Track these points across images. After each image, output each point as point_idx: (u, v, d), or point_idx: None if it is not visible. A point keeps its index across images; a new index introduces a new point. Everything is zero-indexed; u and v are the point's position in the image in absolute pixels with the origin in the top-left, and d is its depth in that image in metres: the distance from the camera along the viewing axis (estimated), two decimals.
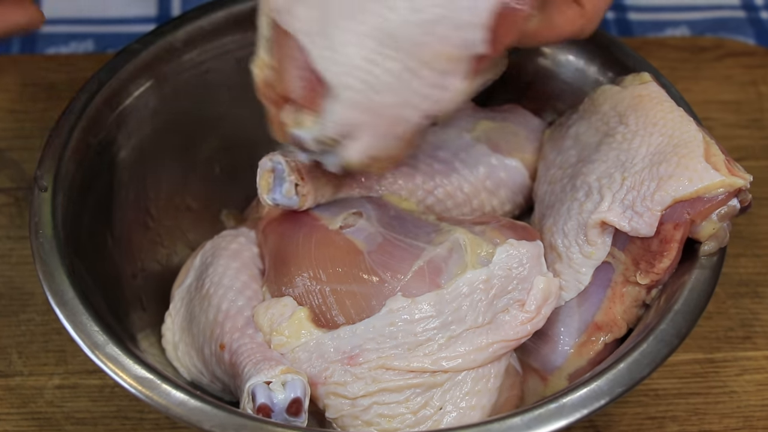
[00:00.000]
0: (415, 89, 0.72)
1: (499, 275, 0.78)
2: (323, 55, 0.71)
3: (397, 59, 0.71)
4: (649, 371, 0.74)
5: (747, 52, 1.16)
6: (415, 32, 0.70)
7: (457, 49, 0.71)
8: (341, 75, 0.71)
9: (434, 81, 0.72)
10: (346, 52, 0.71)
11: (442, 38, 0.71)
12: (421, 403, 0.76)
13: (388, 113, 0.73)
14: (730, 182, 0.77)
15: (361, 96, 0.72)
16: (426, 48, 0.71)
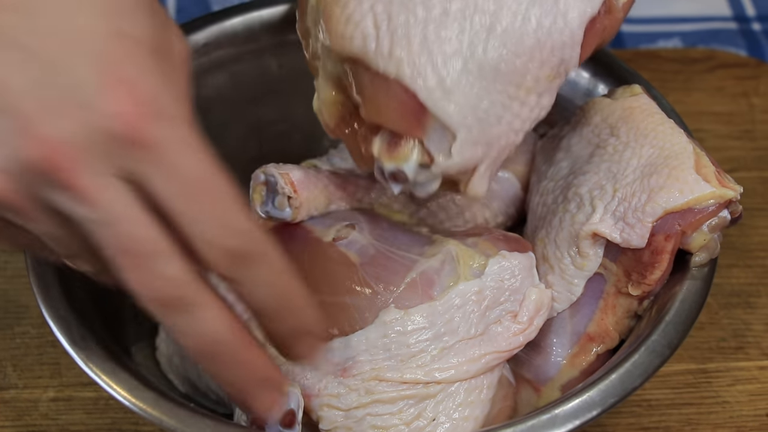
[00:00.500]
0: (518, 114, 0.74)
1: (491, 287, 0.78)
2: (436, 98, 0.72)
3: (502, 91, 0.73)
4: (641, 382, 0.74)
5: (739, 63, 1.16)
6: (519, 62, 0.73)
7: (554, 70, 0.74)
8: (462, 118, 0.72)
9: (535, 103, 0.74)
10: (462, 96, 0.72)
11: (542, 62, 0.73)
12: (414, 414, 0.77)
13: (501, 142, 0.74)
14: (721, 194, 0.77)
15: (478, 132, 0.73)
16: (528, 75, 0.73)
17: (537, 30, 0.73)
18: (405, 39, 0.73)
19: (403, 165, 0.74)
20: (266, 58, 0.97)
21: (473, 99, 0.72)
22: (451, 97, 0.72)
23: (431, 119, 0.73)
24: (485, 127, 0.73)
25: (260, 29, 0.96)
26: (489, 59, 0.73)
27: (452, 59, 0.73)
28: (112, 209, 0.60)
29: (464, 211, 0.89)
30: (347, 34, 0.74)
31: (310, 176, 0.85)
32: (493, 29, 0.73)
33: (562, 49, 0.74)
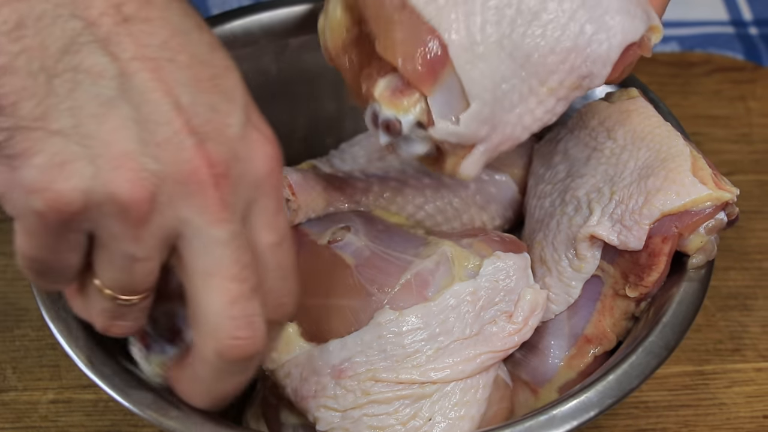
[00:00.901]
0: (532, 110, 0.73)
1: (486, 287, 0.78)
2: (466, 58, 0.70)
3: (525, 80, 0.72)
4: (639, 383, 0.74)
5: (736, 67, 1.17)
6: (551, 59, 0.72)
7: (579, 79, 0.73)
8: (482, 90, 0.71)
9: (552, 106, 0.74)
10: (489, 68, 0.71)
11: (572, 68, 0.72)
12: (410, 414, 0.77)
13: (506, 131, 0.73)
14: (717, 196, 0.78)
15: (489, 110, 0.71)
16: (555, 75, 0.72)
17: (579, 35, 0.72)
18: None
19: (401, 115, 0.72)
20: (265, 61, 0.98)
21: (498, 76, 0.71)
22: (478, 64, 0.71)
23: (447, 77, 0.71)
24: (497, 109, 0.71)
25: (260, 33, 0.96)
26: (525, 44, 0.71)
27: (492, 28, 0.71)
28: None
29: (462, 214, 0.90)
30: None
31: (308, 179, 0.86)
32: (538, 17, 0.72)
33: (594, 62, 0.73)
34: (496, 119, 0.72)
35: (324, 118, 1.00)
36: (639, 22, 0.74)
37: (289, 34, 0.96)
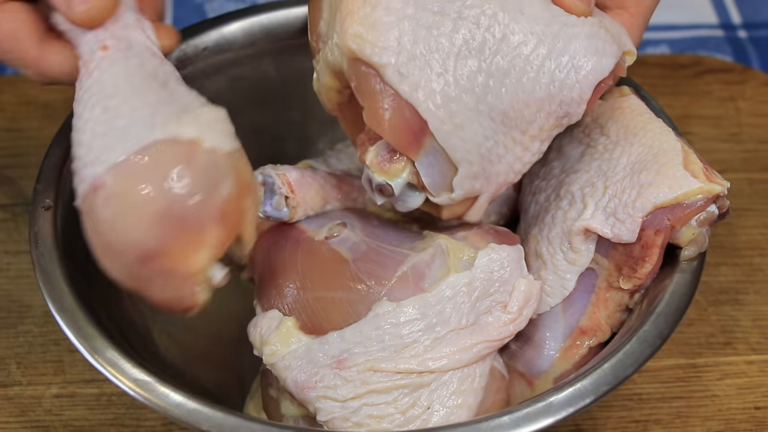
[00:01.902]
0: (520, 157, 0.78)
1: (481, 278, 0.80)
2: (446, 130, 0.75)
3: (507, 134, 0.76)
4: (633, 371, 0.76)
5: (725, 68, 1.19)
6: (527, 111, 0.76)
7: (558, 120, 0.77)
8: (466, 153, 0.76)
9: (537, 149, 0.78)
10: (469, 133, 0.75)
11: (549, 114, 0.77)
12: (409, 403, 0.78)
13: (500, 179, 0.78)
14: (708, 189, 0.79)
15: (477, 168, 0.76)
16: (535, 123, 0.77)
17: (550, 84, 0.76)
18: (425, 64, 0.75)
19: (391, 180, 0.78)
20: (264, 62, 0.99)
21: (479, 137, 0.75)
22: (459, 133, 0.75)
23: (429, 144, 0.76)
24: (486, 164, 0.77)
25: (259, 34, 0.98)
26: (500, 103, 0.75)
27: (467, 96, 0.75)
28: None
29: None
30: (368, 38, 0.75)
31: (307, 177, 0.87)
32: (508, 74, 0.76)
33: (569, 104, 0.77)
34: (487, 172, 0.77)
35: (319, 119, 1.01)
36: (608, 59, 0.77)
37: (288, 36, 0.98)
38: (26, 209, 1.03)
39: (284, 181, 0.85)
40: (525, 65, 0.76)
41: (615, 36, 0.78)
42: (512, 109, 0.76)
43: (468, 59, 0.75)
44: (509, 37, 0.76)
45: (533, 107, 0.76)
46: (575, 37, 0.76)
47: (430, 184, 0.77)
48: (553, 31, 0.76)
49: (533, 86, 0.76)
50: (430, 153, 0.77)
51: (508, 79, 0.76)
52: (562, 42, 0.76)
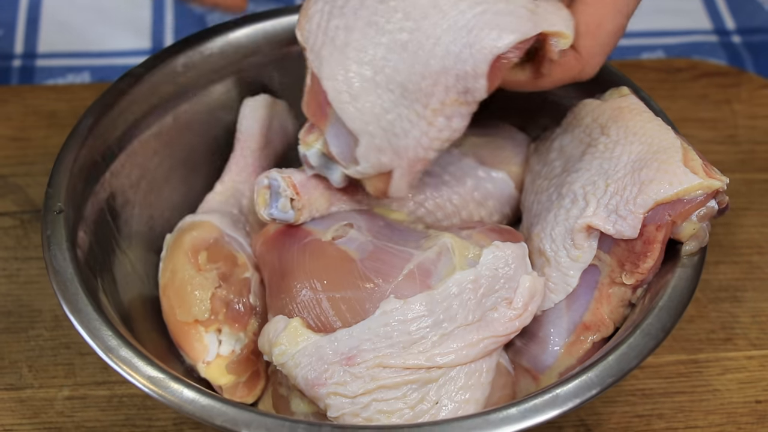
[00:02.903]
0: (426, 132, 0.80)
1: (486, 275, 0.81)
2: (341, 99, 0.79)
3: (409, 107, 0.78)
4: (637, 363, 0.77)
5: (720, 72, 1.20)
6: (424, 84, 0.78)
7: (460, 96, 0.79)
8: (363, 123, 0.79)
9: (444, 125, 0.80)
10: (366, 104, 0.78)
11: (447, 87, 0.78)
12: (417, 398, 0.80)
13: (410, 154, 0.80)
14: (708, 184, 0.81)
15: (380, 141, 0.79)
16: (434, 97, 0.78)
17: (444, 57, 0.78)
18: (331, 41, 0.79)
19: (307, 150, 0.83)
20: (269, 68, 1.01)
21: (378, 109, 0.78)
22: (355, 103, 0.78)
23: (332, 114, 0.80)
24: (391, 138, 0.79)
25: (263, 41, 0.99)
26: (397, 75, 0.78)
27: (364, 68, 0.78)
28: None
29: (461, 210, 0.92)
30: (301, 26, 0.82)
31: (312, 179, 0.89)
32: (406, 48, 0.78)
33: (466, 79, 0.78)
34: (394, 146, 0.80)
35: None
36: (510, 35, 0.78)
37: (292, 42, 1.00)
38: (34, 216, 1.04)
39: (289, 184, 0.87)
40: (423, 39, 0.78)
41: (539, 15, 0.79)
42: (410, 82, 0.78)
43: (371, 34, 0.78)
44: (412, 13, 0.78)
45: (429, 80, 0.78)
46: (483, 13, 0.78)
47: (338, 154, 0.82)
48: (461, 7, 0.78)
49: (428, 58, 0.78)
50: (335, 124, 0.80)
51: (406, 52, 0.78)
52: (466, 18, 0.78)
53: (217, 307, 0.88)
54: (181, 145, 0.96)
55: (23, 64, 1.27)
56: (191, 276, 0.88)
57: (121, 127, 0.92)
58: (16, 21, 1.31)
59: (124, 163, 0.92)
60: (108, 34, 1.30)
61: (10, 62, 1.26)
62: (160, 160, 0.96)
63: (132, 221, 0.93)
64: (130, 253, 0.92)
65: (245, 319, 0.88)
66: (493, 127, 0.98)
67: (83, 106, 0.93)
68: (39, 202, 1.05)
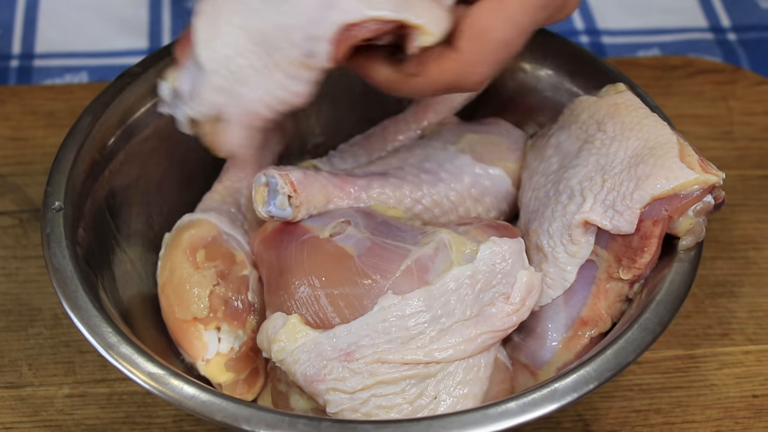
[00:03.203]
0: (265, 85, 0.80)
1: (483, 270, 0.82)
2: (201, 38, 0.80)
3: (259, 57, 0.79)
4: (635, 357, 0.78)
5: (716, 69, 1.21)
6: (274, 35, 0.78)
7: (303, 56, 0.78)
8: (213, 61, 0.80)
9: (284, 83, 0.80)
10: (223, 45, 0.80)
11: (293, 45, 0.78)
12: (416, 393, 0.80)
13: (245, 105, 0.81)
14: (704, 179, 0.81)
15: (224, 82, 0.80)
16: (280, 52, 0.79)
17: (301, 14, 0.77)
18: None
19: (162, 84, 0.85)
20: None
21: (232, 52, 0.79)
22: (212, 41, 0.79)
23: (192, 54, 0.81)
24: (233, 82, 0.80)
25: None
26: (261, 25, 0.78)
27: (234, 16, 0.79)
28: None
29: (458, 207, 0.93)
30: None
31: (309, 176, 0.89)
32: (277, 2, 0.78)
33: (311, 40, 0.77)
34: (234, 91, 0.80)
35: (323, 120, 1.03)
36: (363, 7, 0.77)
37: None
38: (33, 215, 1.05)
39: (287, 181, 0.87)
40: None
41: (408, 4, 0.77)
42: (268, 31, 0.78)
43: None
44: None
45: (281, 31, 0.78)
46: None
47: (183, 91, 0.83)
48: None
49: (289, 12, 0.78)
50: (192, 61, 0.81)
51: (276, 5, 0.78)
52: None
53: (215, 305, 0.88)
54: (179, 144, 0.96)
55: (21, 64, 1.27)
56: (189, 274, 0.88)
57: (119, 125, 0.93)
58: (14, 21, 1.32)
59: (122, 162, 0.93)
60: (105, 34, 1.31)
61: (8, 62, 1.27)
62: (158, 158, 0.96)
63: (131, 220, 0.93)
64: (129, 251, 0.92)
65: (244, 317, 0.88)
66: (489, 124, 0.98)
67: (81, 106, 0.93)
68: (38, 201, 1.06)
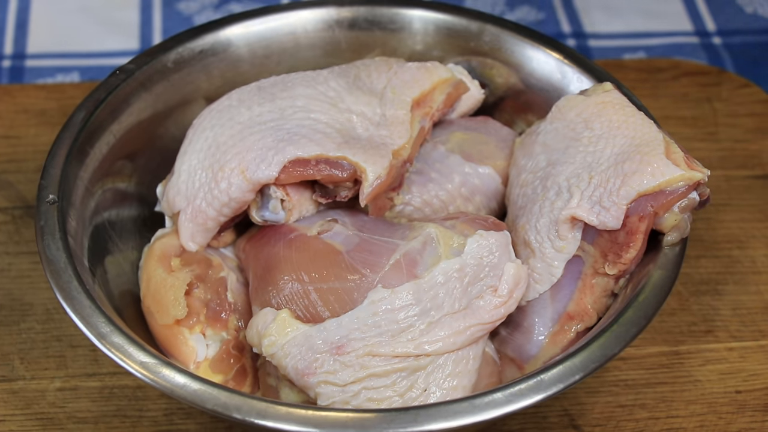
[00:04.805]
0: (210, 191, 0.90)
1: (471, 264, 0.83)
2: (182, 152, 0.93)
3: (208, 168, 0.90)
4: (620, 349, 0.79)
5: (701, 71, 1.22)
6: (228, 155, 0.89)
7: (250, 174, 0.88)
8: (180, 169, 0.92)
9: (221, 191, 0.89)
10: (193, 158, 0.92)
11: (230, 185, 0.89)
12: (407, 386, 0.81)
13: (196, 203, 0.91)
14: (690, 176, 0.82)
15: (183, 184, 0.91)
16: (227, 165, 0.89)
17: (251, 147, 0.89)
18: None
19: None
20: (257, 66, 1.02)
21: (195, 162, 0.91)
22: (183, 158, 0.92)
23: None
24: (189, 184, 0.91)
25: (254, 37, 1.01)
26: (216, 142, 0.91)
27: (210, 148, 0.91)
28: None
29: (448, 206, 0.93)
30: None
31: None
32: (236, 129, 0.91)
33: (233, 189, 0.89)
34: (188, 192, 0.91)
35: None
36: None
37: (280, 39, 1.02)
38: (26, 212, 1.05)
39: (279, 185, 0.88)
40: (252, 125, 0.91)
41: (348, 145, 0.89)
42: (221, 151, 0.90)
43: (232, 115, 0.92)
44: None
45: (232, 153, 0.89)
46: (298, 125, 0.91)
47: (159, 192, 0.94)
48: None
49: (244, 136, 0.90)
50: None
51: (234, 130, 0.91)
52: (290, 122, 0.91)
53: (197, 308, 0.89)
54: (171, 140, 0.97)
55: (13, 64, 1.28)
56: (163, 279, 0.89)
57: (113, 121, 0.93)
58: (6, 22, 1.32)
59: (115, 157, 0.94)
60: (97, 35, 1.32)
61: (0, 62, 1.27)
62: (151, 154, 0.97)
63: (123, 214, 0.94)
64: (122, 245, 0.93)
65: (225, 317, 0.89)
66: (478, 123, 0.99)
67: (73, 105, 0.95)
68: (30, 198, 1.06)
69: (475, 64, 1.02)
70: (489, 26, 1.02)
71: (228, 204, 0.89)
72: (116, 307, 0.86)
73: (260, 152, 0.88)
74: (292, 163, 0.87)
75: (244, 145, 0.89)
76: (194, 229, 0.91)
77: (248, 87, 0.95)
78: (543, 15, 1.37)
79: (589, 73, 0.98)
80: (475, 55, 1.02)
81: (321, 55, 1.04)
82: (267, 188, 0.89)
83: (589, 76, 0.98)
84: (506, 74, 1.02)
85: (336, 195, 0.89)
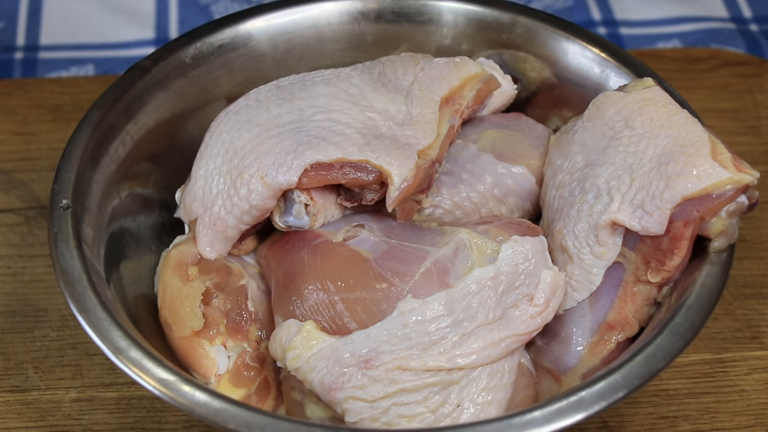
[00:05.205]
0: (230, 197, 0.87)
1: (506, 271, 0.79)
2: (198, 156, 0.90)
3: (226, 173, 0.87)
4: (665, 364, 0.75)
5: (741, 61, 1.18)
6: (247, 161, 0.86)
7: (266, 178, 0.85)
8: (197, 174, 0.89)
9: (242, 197, 0.86)
10: (206, 161, 0.89)
11: (250, 191, 0.86)
12: (439, 401, 0.78)
13: (214, 210, 0.87)
14: (738, 179, 0.78)
15: (200, 190, 0.88)
16: (246, 170, 0.86)
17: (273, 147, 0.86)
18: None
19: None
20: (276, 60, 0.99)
21: (212, 167, 0.88)
22: (200, 162, 0.89)
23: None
24: (206, 191, 0.88)
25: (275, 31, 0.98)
26: (233, 147, 0.88)
27: (226, 155, 0.88)
28: None
29: (480, 208, 0.90)
30: None
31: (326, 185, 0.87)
32: (253, 133, 0.88)
33: (252, 195, 0.85)
34: (205, 198, 0.88)
35: None
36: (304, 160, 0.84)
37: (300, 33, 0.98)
38: (40, 213, 1.02)
39: (303, 190, 0.85)
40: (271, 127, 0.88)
41: (371, 147, 0.85)
42: (240, 156, 0.87)
43: (243, 121, 0.89)
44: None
45: (252, 157, 0.86)
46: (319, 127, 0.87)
47: (178, 197, 0.92)
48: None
49: (264, 139, 0.87)
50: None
51: (251, 134, 0.88)
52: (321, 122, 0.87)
53: (216, 319, 0.85)
54: (191, 141, 0.93)
55: (25, 56, 1.24)
56: (179, 289, 0.86)
57: (128, 121, 0.90)
58: (18, 12, 1.29)
59: (132, 158, 0.90)
60: (111, 25, 1.28)
61: (12, 54, 1.24)
62: (168, 154, 0.94)
63: (141, 219, 0.91)
64: (139, 251, 0.90)
65: (246, 328, 0.86)
66: (511, 120, 0.96)
67: (88, 100, 0.91)
68: (44, 198, 1.03)
69: (507, 57, 0.99)
70: (521, 18, 0.98)
71: (248, 212, 0.86)
72: (133, 317, 0.82)
73: (279, 156, 0.84)
74: (314, 167, 0.84)
75: (262, 149, 0.86)
76: (213, 237, 0.88)
77: (267, 86, 0.91)
78: (572, 2, 1.33)
79: (628, 67, 0.94)
80: (506, 48, 0.98)
81: (345, 49, 1.00)
82: (290, 192, 0.85)
83: (628, 70, 0.94)
84: (540, 68, 0.98)
85: (362, 198, 0.85)
